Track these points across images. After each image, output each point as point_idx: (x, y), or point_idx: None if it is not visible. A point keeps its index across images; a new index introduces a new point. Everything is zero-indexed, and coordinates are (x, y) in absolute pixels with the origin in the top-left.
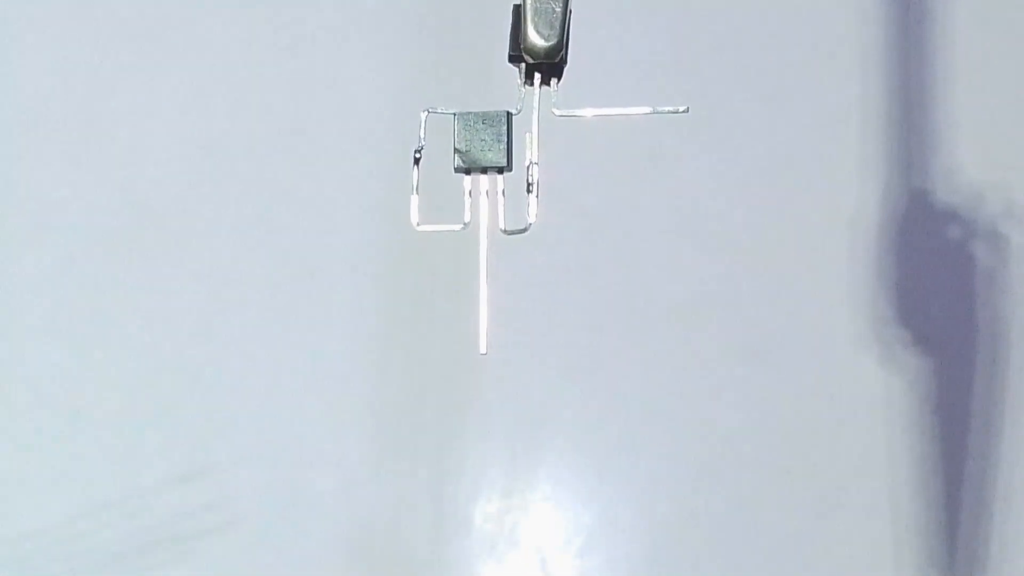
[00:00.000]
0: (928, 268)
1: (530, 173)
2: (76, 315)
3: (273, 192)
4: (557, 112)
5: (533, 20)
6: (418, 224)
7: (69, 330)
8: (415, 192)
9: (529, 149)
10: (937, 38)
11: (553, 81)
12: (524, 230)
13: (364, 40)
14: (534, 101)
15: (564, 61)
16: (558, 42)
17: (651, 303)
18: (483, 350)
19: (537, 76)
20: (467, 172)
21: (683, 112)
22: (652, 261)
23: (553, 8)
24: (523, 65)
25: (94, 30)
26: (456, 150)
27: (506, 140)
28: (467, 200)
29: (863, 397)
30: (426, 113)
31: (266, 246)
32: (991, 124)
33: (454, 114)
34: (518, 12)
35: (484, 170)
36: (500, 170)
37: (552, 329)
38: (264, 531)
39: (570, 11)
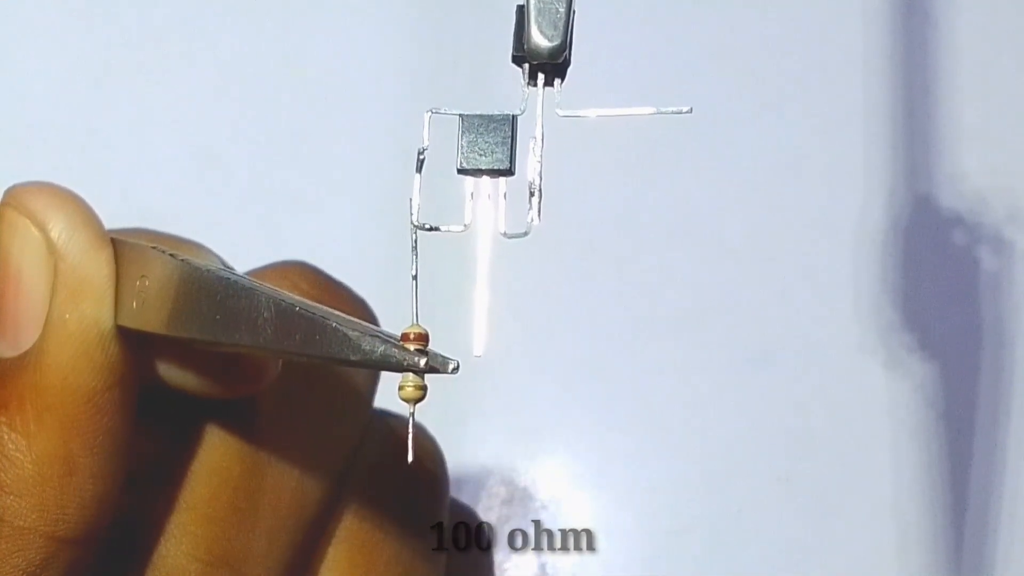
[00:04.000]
0: (933, 273)
1: (533, 176)
2: None
3: (274, 194)
4: (560, 112)
5: (537, 20)
6: (419, 224)
7: None
8: (417, 193)
9: (533, 152)
10: (941, 42)
11: (557, 81)
12: (525, 234)
13: (366, 40)
14: (538, 102)
15: (568, 61)
16: (562, 42)
17: (653, 308)
18: (478, 352)
19: (541, 76)
20: (470, 174)
21: (686, 113)
22: (654, 266)
23: (557, 8)
24: (527, 66)
25: (94, 35)
26: (459, 151)
27: (510, 143)
28: (468, 202)
29: (868, 402)
30: (430, 114)
31: (266, 248)
32: (996, 129)
33: (458, 115)
34: (521, 12)
35: (487, 172)
36: (503, 173)
37: (553, 334)
38: None
39: (574, 11)
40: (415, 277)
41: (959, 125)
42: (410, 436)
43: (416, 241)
